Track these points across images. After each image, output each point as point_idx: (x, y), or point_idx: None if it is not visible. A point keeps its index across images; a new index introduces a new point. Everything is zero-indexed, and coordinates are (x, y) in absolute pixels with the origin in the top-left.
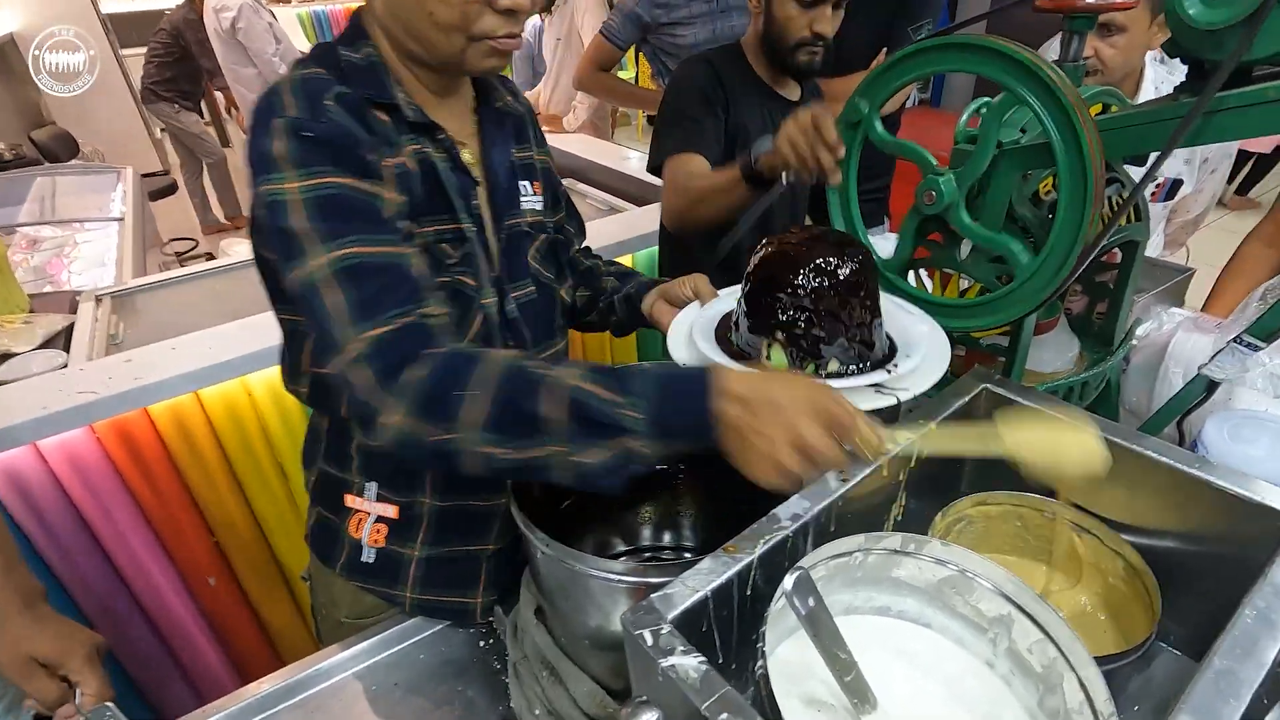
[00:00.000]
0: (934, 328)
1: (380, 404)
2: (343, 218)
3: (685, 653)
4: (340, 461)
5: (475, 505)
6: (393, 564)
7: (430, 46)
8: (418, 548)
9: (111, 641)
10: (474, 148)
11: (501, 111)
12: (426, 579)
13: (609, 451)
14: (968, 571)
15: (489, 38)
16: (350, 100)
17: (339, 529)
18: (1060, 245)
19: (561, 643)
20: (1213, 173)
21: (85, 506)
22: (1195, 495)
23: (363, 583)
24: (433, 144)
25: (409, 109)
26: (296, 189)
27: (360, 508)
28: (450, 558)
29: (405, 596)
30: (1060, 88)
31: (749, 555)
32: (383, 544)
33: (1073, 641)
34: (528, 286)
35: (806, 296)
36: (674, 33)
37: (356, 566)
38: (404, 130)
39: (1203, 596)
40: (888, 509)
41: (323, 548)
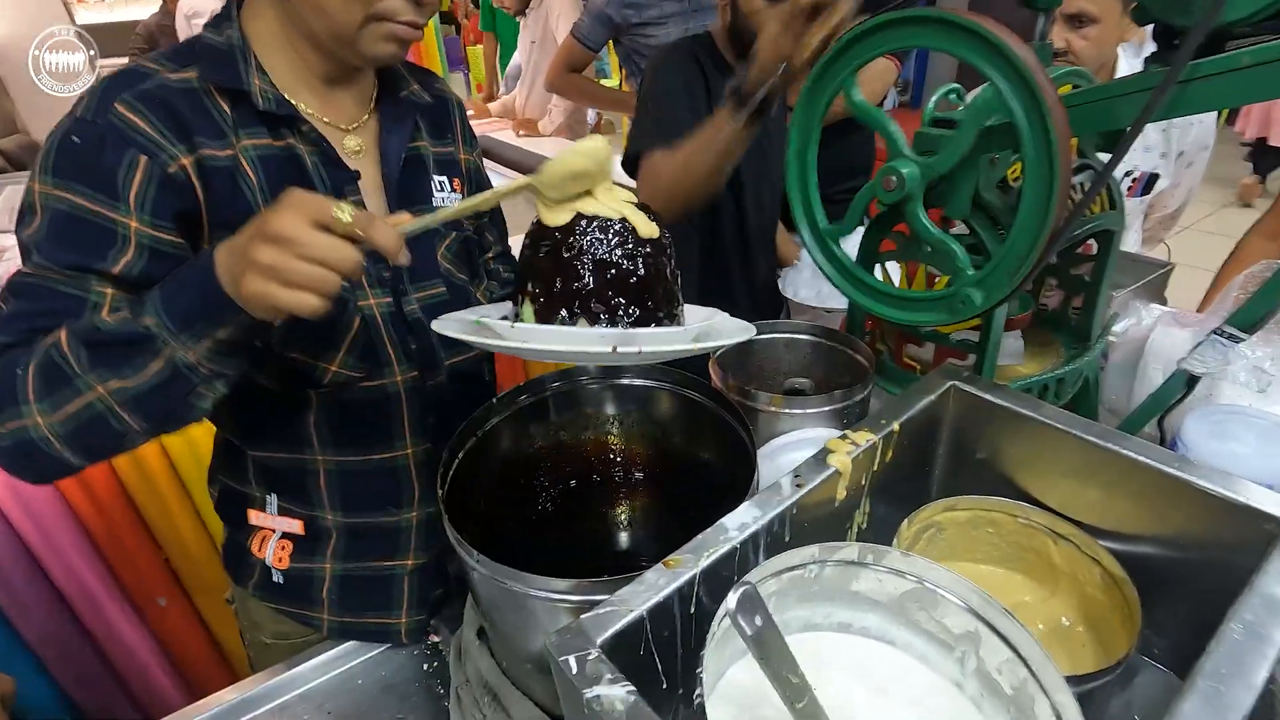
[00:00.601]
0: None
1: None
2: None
3: (613, 681)
4: (238, 472)
5: (384, 521)
6: (304, 584)
7: (324, 18)
8: (328, 562)
9: (55, 669)
10: (367, 138)
11: (406, 101)
12: (343, 600)
13: (147, 367)
14: (930, 584)
15: (389, 19)
16: (155, 98)
17: (245, 548)
18: (1026, 231)
19: (504, 666)
20: (1189, 166)
21: (21, 525)
22: (1176, 497)
23: (275, 604)
24: (296, 135)
25: (263, 97)
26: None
27: (264, 524)
28: (366, 574)
29: (322, 619)
30: (1021, 58)
31: (691, 569)
32: (288, 564)
33: (1044, 662)
34: (436, 286)
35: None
36: (646, 33)
37: (268, 586)
38: (250, 121)
39: (1186, 606)
40: (850, 517)
41: (234, 567)
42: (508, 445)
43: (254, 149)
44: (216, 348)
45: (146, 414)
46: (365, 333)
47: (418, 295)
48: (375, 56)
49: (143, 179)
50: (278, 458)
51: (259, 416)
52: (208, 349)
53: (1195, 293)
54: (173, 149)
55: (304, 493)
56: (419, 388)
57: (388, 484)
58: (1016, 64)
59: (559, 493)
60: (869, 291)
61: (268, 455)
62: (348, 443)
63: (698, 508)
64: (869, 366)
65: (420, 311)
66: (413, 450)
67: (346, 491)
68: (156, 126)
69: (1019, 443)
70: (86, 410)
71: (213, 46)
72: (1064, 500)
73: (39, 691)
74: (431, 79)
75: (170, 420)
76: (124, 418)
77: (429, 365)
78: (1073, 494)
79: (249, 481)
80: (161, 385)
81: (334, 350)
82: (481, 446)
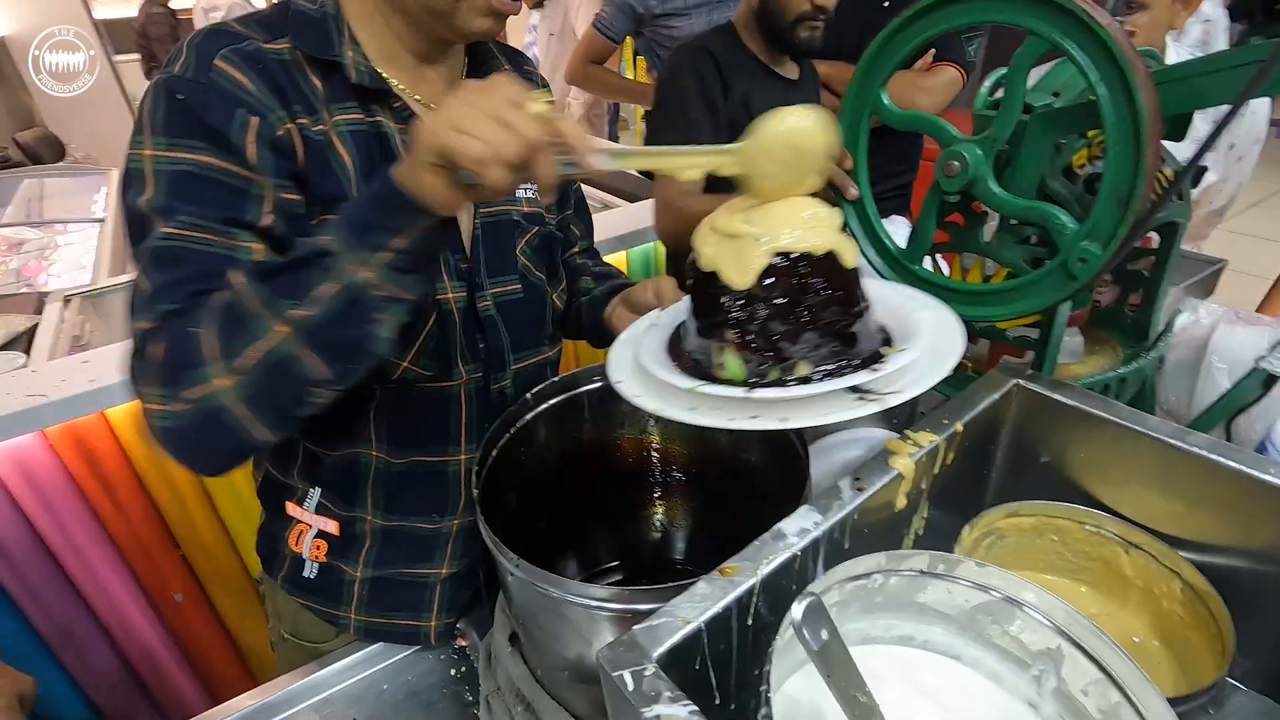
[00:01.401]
0: (941, 316)
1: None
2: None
3: (673, 700)
4: (283, 462)
5: (423, 527)
6: (335, 581)
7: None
8: (360, 568)
9: (71, 666)
10: None
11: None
12: (372, 600)
13: (322, 289)
14: (1010, 597)
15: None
16: (255, 58)
17: (280, 539)
18: (1105, 219)
19: (538, 674)
20: (1239, 160)
21: (38, 519)
22: (1267, 505)
23: (303, 599)
24: (387, 111)
25: (355, 70)
26: (152, 159)
27: (301, 518)
28: (397, 580)
29: (349, 617)
30: (1110, 34)
31: (750, 578)
32: (324, 559)
33: (1143, 686)
34: (512, 283)
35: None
36: (669, 24)
37: (297, 581)
38: (342, 95)
39: (1278, 623)
40: (908, 522)
41: (267, 555)
42: (542, 443)
43: (345, 124)
44: (394, 261)
45: (330, 350)
46: (440, 328)
47: (492, 291)
48: (471, 31)
49: (255, 140)
50: (331, 453)
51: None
52: (384, 263)
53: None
54: (279, 110)
55: (349, 491)
56: (482, 389)
57: (436, 489)
58: (1099, 34)
59: (595, 492)
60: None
61: (321, 448)
62: (405, 442)
63: (741, 509)
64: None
65: (493, 309)
66: (465, 457)
67: (393, 493)
68: (260, 86)
69: (1088, 445)
70: (269, 356)
71: (305, 14)
72: (1137, 508)
73: (59, 691)
74: (521, 60)
75: (354, 357)
76: (308, 360)
77: (496, 367)
78: (1148, 501)
79: (293, 474)
80: (340, 311)
81: (408, 346)
82: (516, 444)
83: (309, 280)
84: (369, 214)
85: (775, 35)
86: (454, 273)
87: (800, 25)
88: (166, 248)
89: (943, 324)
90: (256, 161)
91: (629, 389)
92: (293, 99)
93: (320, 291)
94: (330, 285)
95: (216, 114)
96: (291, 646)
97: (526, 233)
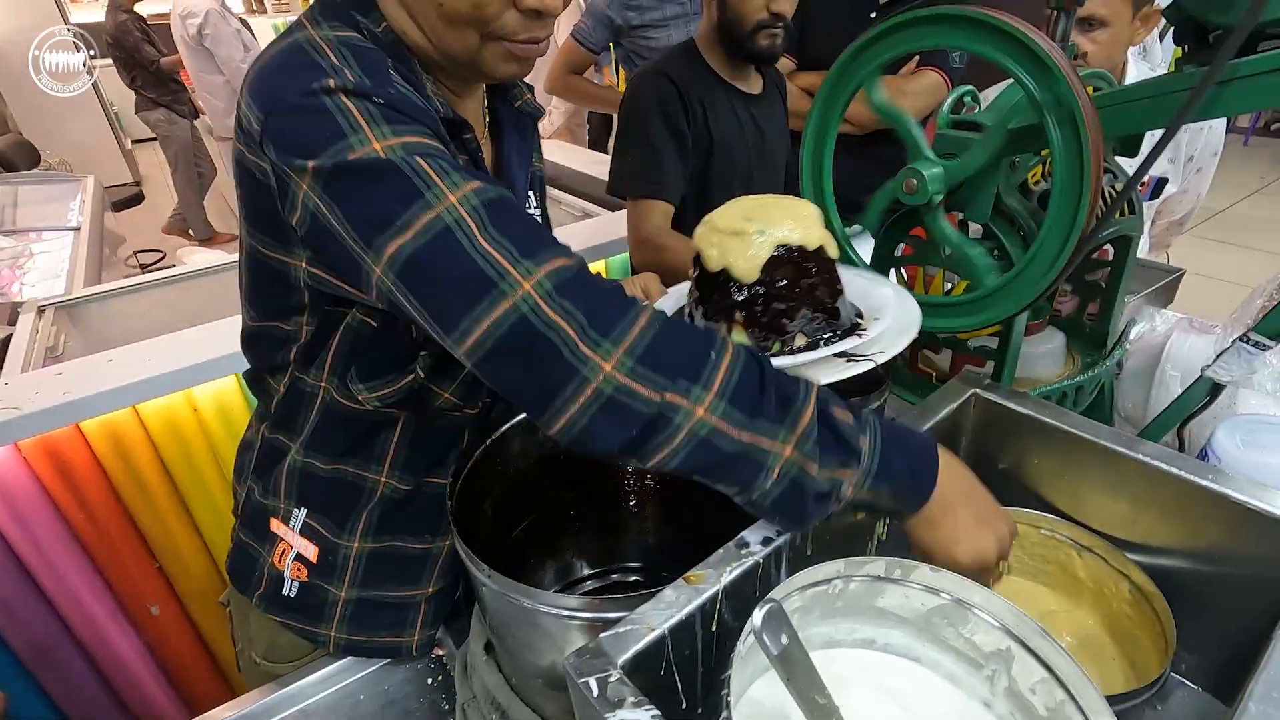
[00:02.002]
0: (898, 291)
1: (590, 347)
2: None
3: (636, 704)
4: (272, 477)
5: (413, 548)
6: (317, 600)
7: (439, 40)
8: (344, 588)
9: (46, 681)
10: (488, 151)
11: (521, 112)
12: (354, 620)
13: (829, 474)
14: (962, 600)
15: (507, 39)
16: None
17: (259, 556)
18: (1054, 237)
19: (512, 682)
20: (1198, 172)
21: (10, 532)
22: (1208, 509)
23: (281, 617)
24: (458, 143)
25: (438, 100)
26: (383, 148)
27: (285, 537)
28: (382, 601)
29: (329, 635)
30: (1055, 62)
31: (713, 585)
32: (305, 579)
33: (1084, 684)
34: None
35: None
36: (647, 35)
37: (276, 599)
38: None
39: (1219, 622)
40: (871, 529)
41: (241, 575)
42: (518, 452)
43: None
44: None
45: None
46: None
47: None
48: (498, 75)
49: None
50: (336, 469)
51: (339, 426)
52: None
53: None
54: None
55: (342, 510)
56: (485, 414)
57: (435, 510)
58: (1047, 63)
59: (572, 501)
60: None
61: (325, 465)
62: (414, 466)
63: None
64: (884, 373)
65: None
66: None
67: (389, 515)
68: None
69: (1043, 453)
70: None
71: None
72: (1090, 512)
73: (32, 705)
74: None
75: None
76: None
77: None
78: (1099, 506)
79: (279, 492)
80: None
81: (452, 379)
82: (489, 456)
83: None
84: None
85: (736, 45)
86: None
87: (759, 33)
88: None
89: (902, 299)
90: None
91: None
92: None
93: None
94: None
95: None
96: (262, 674)
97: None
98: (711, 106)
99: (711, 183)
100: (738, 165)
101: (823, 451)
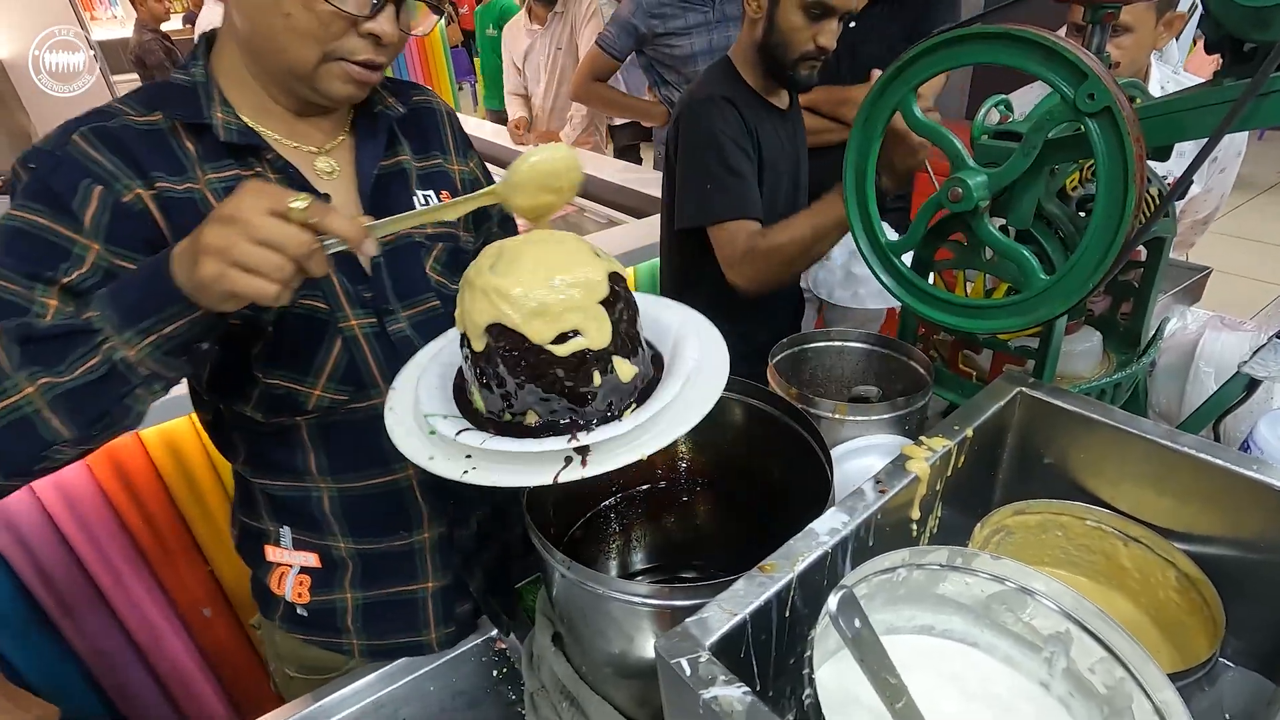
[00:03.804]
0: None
1: None
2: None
3: (728, 683)
4: (252, 507)
5: (396, 545)
6: (328, 615)
7: (281, 56)
8: (348, 592)
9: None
10: (342, 158)
11: (380, 115)
12: (369, 625)
13: (83, 361)
14: (1023, 586)
15: (347, 59)
16: (112, 131)
17: (267, 583)
18: (1097, 242)
19: (582, 671)
20: (1222, 172)
21: (74, 538)
22: (1253, 498)
23: (303, 635)
24: (263, 163)
25: (225, 130)
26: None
27: (281, 560)
28: (388, 600)
29: (351, 643)
30: (1096, 73)
31: (787, 574)
32: (309, 599)
33: (1144, 661)
34: (429, 301)
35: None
36: (671, 43)
37: (293, 619)
38: (217, 154)
39: (1267, 608)
40: (924, 521)
41: (261, 601)
42: None
43: (219, 181)
44: (160, 343)
45: (78, 416)
46: (347, 355)
47: (407, 313)
48: (334, 96)
49: (98, 206)
50: (282, 486)
51: (258, 446)
52: (151, 346)
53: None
54: (127, 180)
55: (313, 522)
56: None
57: (392, 507)
58: (1088, 74)
59: (622, 499)
60: (934, 302)
61: (273, 484)
62: (344, 468)
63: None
64: (927, 373)
65: (409, 329)
66: (415, 471)
67: (352, 517)
68: (111, 159)
69: (1088, 447)
70: (11, 413)
71: (178, 86)
72: (1134, 504)
73: (92, 707)
74: (411, 91)
75: (101, 424)
76: (51, 421)
77: None
78: (1143, 498)
79: (262, 516)
80: (96, 383)
81: (317, 374)
82: None
83: (69, 351)
84: (141, 299)
85: (776, 71)
86: (357, 301)
87: (802, 64)
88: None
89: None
90: (90, 226)
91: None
92: (151, 166)
93: (79, 364)
94: (90, 359)
95: (61, 182)
96: (301, 683)
97: (432, 250)
98: (760, 126)
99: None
100: (782, 183)
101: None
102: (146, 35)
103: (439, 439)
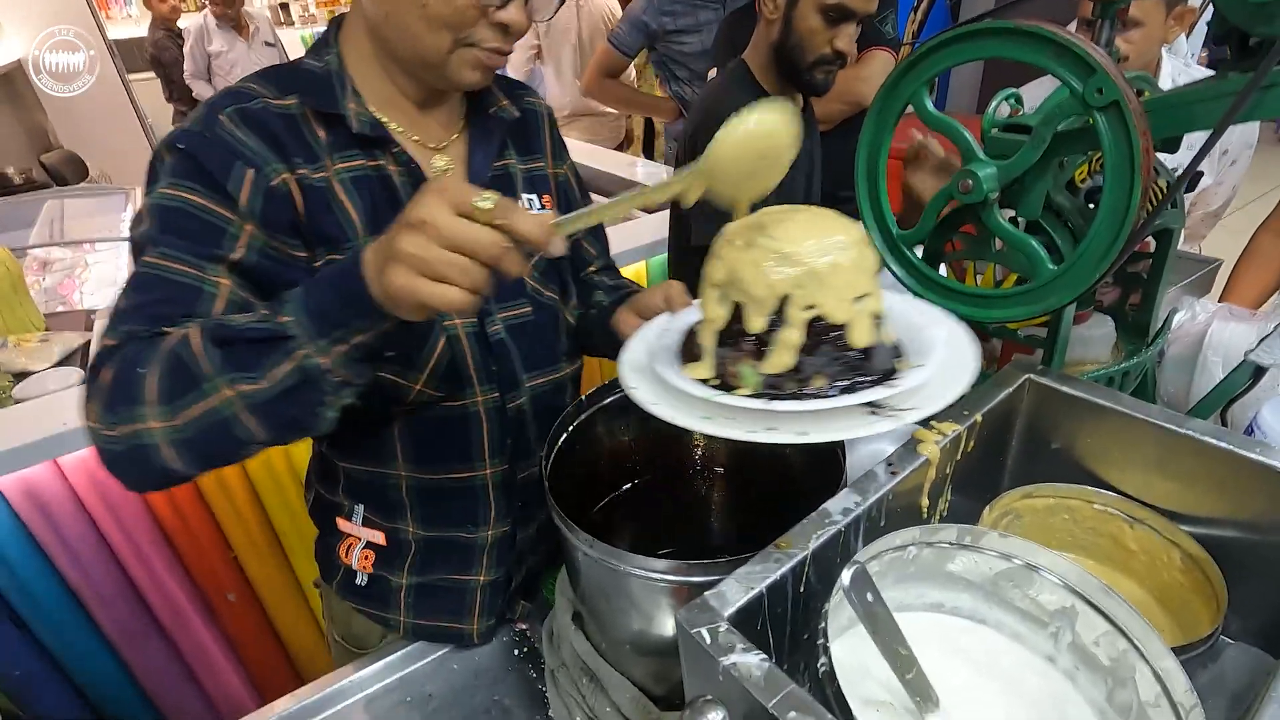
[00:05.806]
0: (955, 333)
1: (86, 409)
2: (172, 229)
3: (746, 650)
4: (330, 482)
5: (461, 537)
6: (383, 589)
7: (414, 43)
8: (405, 576)
9: (134, 664)
10: (456, 157)
11: (495, 118)
12: (418, 605)
13: (278, 368)
14: (1029, 563)
15: (477, 45)
16: (256, 113)
17: (334, 549)
18: (1104, 232)
19: (602, 648)
20: (1233, 164)
21: (104, 523)
22: (1257, 482)
23: (356, 604)
24: (388, 156)
25: (358, 121)
26: (150, 199)
27: (350, 532)
28: (440, 586)
29: (400, 620)
30: (1104, 67)
31: (802, 551)
32: (371, 570)
33: (1146, 632)
34: (522, 306)
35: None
36: (681, 40)
37: (350, 587)
38: (345, 144)
39: (1268, 587)
40: (934, 503)
41: (323, 564)
42: (596, 438)
43: (346, 171)
44: (351, 353)
45: (272, 421)
46: (449, 353)
47: (502, 315)
48: (462, 82)
49: (251, 190)
50: (364, 470)
51: (348, 431)
52: (342, 354)
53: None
54: (275, 164)
55: (387, 505)
56: (499, 408)
57: (466, 502)
58: (1096, 68)
59: (642, 483)
60: (945, 292)
61: (356, 467)
62: (429, 460)
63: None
64: None
65: (503, 332)
66: (490, 471)
67: (426, 507)
68: (257, 141)
69: (1095, 432)
70: (212, 414)
71: (311, 72)
72: (1140, 487)
73: (119, 687)
74: (523, 92)
75: (293, 430)
76: (249, 424)
77: (509, 386)
78: (1149, 481)
79: (338, 491)
80: (290, 390)
81: (419, 370)
82: (572, 441)
83: (264, 358)
84: (334, 308)
85: (792, 74)
86: None
87: (818, 68)
88: (144, 274)
89: (957, 341)
90: (246, 208)
91: (643, 395)
92: (293, 151)
93: (274, 370)
94: (285, 366)
95: (215, 163)
96: (340, 650)
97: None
98: None
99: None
100: (798, 183)
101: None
102: (159, 33)
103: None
